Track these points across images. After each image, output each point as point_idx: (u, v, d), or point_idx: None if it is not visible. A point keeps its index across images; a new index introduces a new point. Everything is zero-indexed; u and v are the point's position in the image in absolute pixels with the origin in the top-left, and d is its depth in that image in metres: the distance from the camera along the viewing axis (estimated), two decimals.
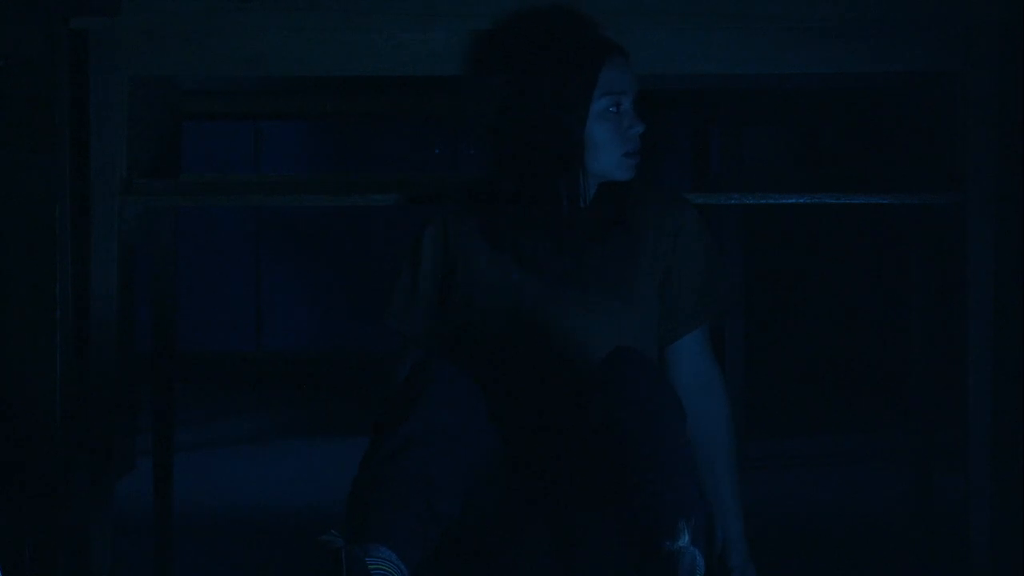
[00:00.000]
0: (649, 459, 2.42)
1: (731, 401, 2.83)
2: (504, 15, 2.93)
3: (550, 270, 2.74)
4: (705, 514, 2.43)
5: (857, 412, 5.16)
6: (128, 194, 2.97)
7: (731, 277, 4.31)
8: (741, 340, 4.40)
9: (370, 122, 5.85)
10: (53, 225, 2.94)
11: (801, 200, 3.00)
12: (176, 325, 3.40)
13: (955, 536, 3.10)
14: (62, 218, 2.95)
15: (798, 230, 5.46)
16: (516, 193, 2.74)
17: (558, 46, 2.75)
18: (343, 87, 3.51)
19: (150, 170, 3.16)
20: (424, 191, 3.02)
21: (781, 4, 2.94)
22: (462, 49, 2.96)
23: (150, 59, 2.96)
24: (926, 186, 3.05)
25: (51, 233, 2.93)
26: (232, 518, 3.79)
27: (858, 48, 2.94)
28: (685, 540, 2.29)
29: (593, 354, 2.67)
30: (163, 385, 3.38)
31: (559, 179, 2.74)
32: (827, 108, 3.54)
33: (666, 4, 2.95)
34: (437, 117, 3.75)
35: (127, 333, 3.17)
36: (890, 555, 3.33)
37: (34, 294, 2.94)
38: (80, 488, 3.00)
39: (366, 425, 2.62)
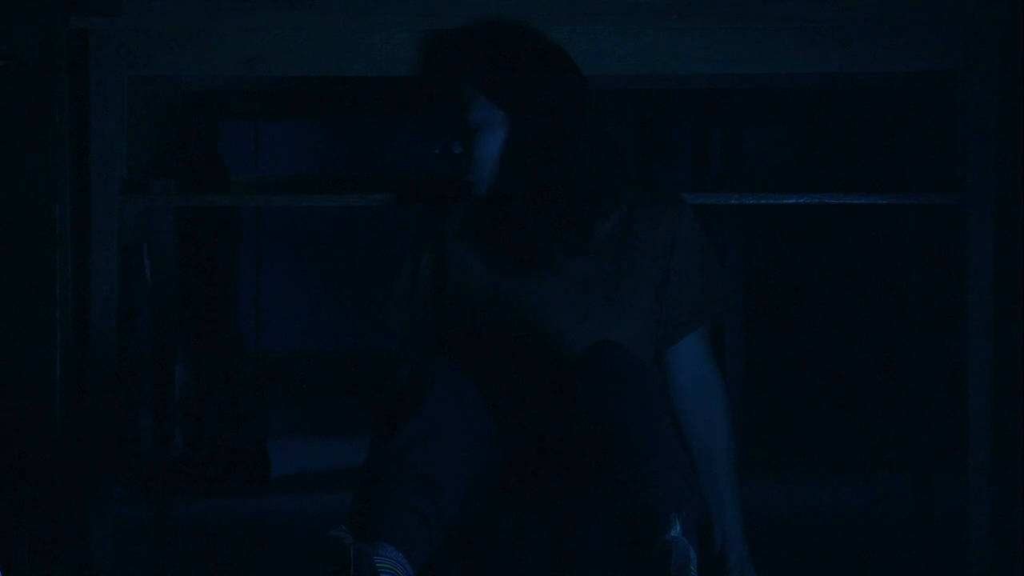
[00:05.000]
0: (634, 454, 2.40)
1: (730, 403, 2.83)
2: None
3: (548, 273, 2.73)
4: (696, 506, 2.43)
5: (857, 413, 5.16)
6: (128, 194, 2.97)
7: (731, 278, 4.32)
8: (741, 341, 4.40)
9: (370, 122, 5.86)
10: (53, 225, 2.94)
11: (801, 200, 3.00)
12: (176, 325, 3.40)
13: (955, 536, 3.10)
14: (62, 218, 2.95)
15: (798, 230, 5.46)
16: (525, 193, 2.73)
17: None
18: (343, 87, 3.51)
19: (150, 170, 3.16)
20: (423, 190, 3.02)
21: (781, 4, 2.94)
22: None
23: (150, 59, 2.96)
24: (926, 186, 3.05)
25: (51, 233, 2.93)
26: (232, 518, 3.79)
27: (858, 48, 2.94)
28: (676, 531, 2.28)
29: None
30: (163, 385, 3.38)
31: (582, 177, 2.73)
32: (827, 108, 3.54)
33: (667, 4, 2.95)
34: (437, 117, 3.75)
35: (127, 333, 3.17)
36: (890, 555, 3.33)
37: (34, 294, 2.93)
38: (80, 488, 3.00)
39: (366, 425, 2.62)
